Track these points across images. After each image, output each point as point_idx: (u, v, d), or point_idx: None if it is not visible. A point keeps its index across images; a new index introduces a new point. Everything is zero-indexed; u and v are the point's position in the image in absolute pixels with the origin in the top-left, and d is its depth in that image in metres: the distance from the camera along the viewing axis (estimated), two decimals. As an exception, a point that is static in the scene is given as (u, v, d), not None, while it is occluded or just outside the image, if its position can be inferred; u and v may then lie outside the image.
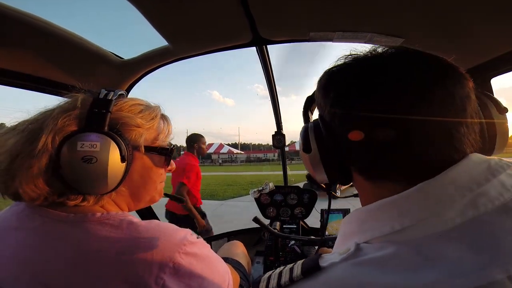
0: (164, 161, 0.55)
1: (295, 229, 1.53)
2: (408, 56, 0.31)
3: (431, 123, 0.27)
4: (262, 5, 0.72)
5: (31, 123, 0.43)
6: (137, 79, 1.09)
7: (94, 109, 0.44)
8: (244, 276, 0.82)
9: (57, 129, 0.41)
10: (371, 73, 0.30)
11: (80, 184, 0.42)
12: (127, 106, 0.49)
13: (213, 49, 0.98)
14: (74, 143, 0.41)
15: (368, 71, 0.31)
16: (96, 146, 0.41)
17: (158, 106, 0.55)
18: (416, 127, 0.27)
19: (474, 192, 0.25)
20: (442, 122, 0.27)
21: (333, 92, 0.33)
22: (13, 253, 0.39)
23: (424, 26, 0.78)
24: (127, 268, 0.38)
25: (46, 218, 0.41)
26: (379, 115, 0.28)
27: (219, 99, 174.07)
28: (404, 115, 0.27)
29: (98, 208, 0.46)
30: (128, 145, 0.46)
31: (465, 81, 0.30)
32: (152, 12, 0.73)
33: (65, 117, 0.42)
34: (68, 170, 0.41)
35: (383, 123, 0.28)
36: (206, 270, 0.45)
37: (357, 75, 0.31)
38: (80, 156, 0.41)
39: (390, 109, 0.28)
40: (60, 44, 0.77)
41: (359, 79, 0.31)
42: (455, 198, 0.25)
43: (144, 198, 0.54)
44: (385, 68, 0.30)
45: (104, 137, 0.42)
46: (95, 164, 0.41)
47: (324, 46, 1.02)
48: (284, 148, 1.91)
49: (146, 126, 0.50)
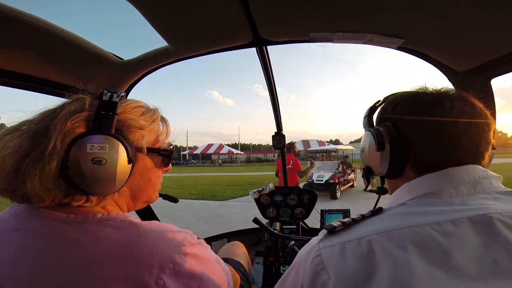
0: (163, 162, 0.56)
1: (295, 230, 1.53)
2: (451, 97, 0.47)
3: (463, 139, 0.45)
4: (262, 6, 0.72)
5: (35, 124, 0.42)
6: (136, 80, 1.09)
7: (101, 111, 0.44)
8: (244, 277, 0.82)
9: (66, 131, 0.41)
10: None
11: (88, 185, 0.42)
12: (130, 108, 0.50)
13: (213, 50, 0.98)
14: (83, 145, 0.41)
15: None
16: (105, 148, 0.42)
17: (157, 108, 0.56)
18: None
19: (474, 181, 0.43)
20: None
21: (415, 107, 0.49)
22: (13, 254, 0.39)
23: (424, 27, 0.78)
24: (127, 269, 0.37)
25: (46, 219, 0.41)
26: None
27: (219, 99, 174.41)
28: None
29: (99, 209, 0.46)
30: (132, 147, 0.47)
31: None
32: (152, 12, 0.73)
33: (73, 119, 0.42)
34: (77, 172, 0.41)
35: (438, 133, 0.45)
36: (206, 271, 0.45)
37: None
38: (90, 157, 0.41)
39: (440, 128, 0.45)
40: (60, 45, 0.77)
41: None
42: (465, 181, 0.43)
43: (143, 198, 0.55)
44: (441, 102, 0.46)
45: (112, 139, 0.43)
46: (105, 165, 0.42)
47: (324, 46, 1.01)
48: (284, 148, 1.91)
49: (148, 128, 0.51)
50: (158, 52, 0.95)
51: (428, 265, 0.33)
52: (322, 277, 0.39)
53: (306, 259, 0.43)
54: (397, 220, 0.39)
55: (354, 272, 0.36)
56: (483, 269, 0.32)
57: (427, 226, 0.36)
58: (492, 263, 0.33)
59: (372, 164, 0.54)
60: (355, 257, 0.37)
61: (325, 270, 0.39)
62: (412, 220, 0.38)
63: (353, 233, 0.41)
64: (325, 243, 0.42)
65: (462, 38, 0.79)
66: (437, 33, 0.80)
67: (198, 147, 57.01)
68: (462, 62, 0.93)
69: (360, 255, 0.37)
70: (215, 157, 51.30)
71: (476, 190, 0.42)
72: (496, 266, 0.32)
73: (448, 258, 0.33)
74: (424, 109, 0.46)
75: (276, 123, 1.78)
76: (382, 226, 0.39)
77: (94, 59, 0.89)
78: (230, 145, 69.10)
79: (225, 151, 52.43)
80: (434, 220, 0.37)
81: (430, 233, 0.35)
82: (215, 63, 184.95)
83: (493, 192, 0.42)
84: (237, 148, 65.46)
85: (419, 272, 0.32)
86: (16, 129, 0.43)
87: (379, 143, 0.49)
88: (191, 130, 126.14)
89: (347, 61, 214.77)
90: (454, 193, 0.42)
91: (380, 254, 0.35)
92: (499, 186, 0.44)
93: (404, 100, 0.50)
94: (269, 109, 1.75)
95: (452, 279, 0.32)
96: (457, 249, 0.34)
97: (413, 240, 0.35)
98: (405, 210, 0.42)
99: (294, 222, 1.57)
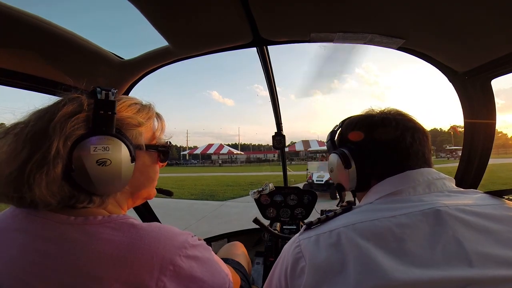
0: (160, 158, 0.57)
1: (295, 230, 1.53)
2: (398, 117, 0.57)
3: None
4: (263, 6, 0.71)
5: (31, 126, 0.41)
6: (137, 80, 1.09)
7: (100, 111, 0.44)
8: (244, 277, 0.82)
9: (67, 134, 0.40)
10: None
11: (93, 186, 0.42)
12: (126, 106, 0.50)
13: (213, 50, 0.98)
14: (86, 147, 0.41)
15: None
16: (108, 149, 0.42)
17: (151, 104, 0.56)
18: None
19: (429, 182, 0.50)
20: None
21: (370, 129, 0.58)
22: (13, 255, 0.39)
23: (425, 28, 0.78)
24: (127, 271, 0.37)
25: (47, 220, 0.41)
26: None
27: (218, 99, 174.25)
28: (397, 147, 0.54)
29: (99, 210, 0.46)
30: (132, 145, 0.47)
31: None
32: (152, 12, 0.73)
33: (73, 121, 0.41)
34: (81, 174, 0.41)
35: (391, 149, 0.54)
36: (207, 272, 0.45)
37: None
38: (94, 159, 0.41)
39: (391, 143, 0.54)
40: (60, 44, 0.77)
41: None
42: (420, 182, 0.50)
43: (142, 195, 0.56)
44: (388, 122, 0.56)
45: (114, 139, 0.43)
46: (110, 166, 0.42)
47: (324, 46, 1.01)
48: (284, 148, 1.91)
49: (145, 125, 0.51)
50: (158, 52, 0.95)
51: (386, 252, 0.39)
52: (301, 263, 0.45)
53: (289, 250, 0.50)
54: (362, 215, 0.46)
55: (326, 258, 0.42)
56: (435, 256, 0.37)
57: (385, 220, 0.43)
58: (442, 250, 0.38)
59: (342, 181, 0.61)
60: (327, 246, 0.44)
61: (303, 257, 0.45)
62: (374, 215, 0.45)
63: (326, 226, 0.48)
64: (304, 236, 0.49)
65: (462, 38, 0.79)
66: (437, 33, 0.80)
67: (198, 147, 57.06)
68: (462, 63, 0.92)
69: (331, 244, 0.43)
70: (215, 157, 51.28)
71: (430, 189, 0.49)
72: (445, 252, 0.37)
73: (403, 246, 0.39)
74: (376, 129, 0.56)
75: (276, 123, 1.78)
76: (349, 220, 0.46)
77: (95, 59, 0.89)
78: (230, 145, 69.10)
79: (225, 151, 52.43)
80: (391, 214, 0.44)
81: (387, 225, 0.42)
82: (214, 63, 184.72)
83: (445, 191, 0.49)
84: (237, 148, 65.43)
85: (379, 259, 0.38)
86: (7, 132, 0.41)
87: (346, 162, 0.57)
88: (191, 130, 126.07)
89: (347, 61, 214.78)
90: (412, 192, 0.49)
91: (346, 243, 0.42)
92: (451, 186, 0.51)
93: (358, 122, 0.59)
94: (269, 109, 1.75)
95: (407, 265, 0.37)
96: (410, 238, 0.40)
97: (373, 231, 0.42)
98: (370, 207, 0.49)
99: (294, 222, 1.57)
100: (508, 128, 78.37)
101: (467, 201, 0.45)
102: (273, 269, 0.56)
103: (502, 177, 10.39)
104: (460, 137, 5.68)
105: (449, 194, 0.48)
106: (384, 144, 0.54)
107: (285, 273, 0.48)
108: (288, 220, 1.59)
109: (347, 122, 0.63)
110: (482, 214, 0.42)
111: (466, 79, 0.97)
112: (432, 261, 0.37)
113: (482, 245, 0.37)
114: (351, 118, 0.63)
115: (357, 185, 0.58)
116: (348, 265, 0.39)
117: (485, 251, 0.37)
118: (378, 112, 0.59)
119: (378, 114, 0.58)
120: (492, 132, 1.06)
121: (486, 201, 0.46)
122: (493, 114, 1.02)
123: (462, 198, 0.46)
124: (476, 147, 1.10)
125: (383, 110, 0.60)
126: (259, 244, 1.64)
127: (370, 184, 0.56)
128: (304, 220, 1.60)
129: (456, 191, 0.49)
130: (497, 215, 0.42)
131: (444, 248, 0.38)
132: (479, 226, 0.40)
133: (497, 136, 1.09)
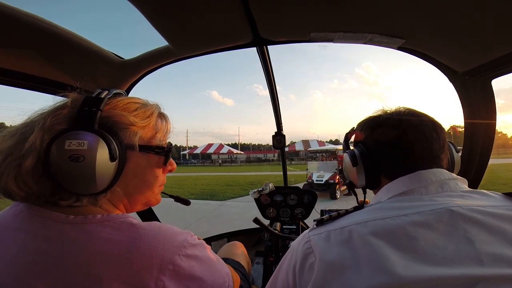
0: (161, 161, 0.54)
1: (295, 230, 1.53)
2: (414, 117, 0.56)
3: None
4: (263, 6, 0.71)
5: (26, 125, 0.44)
6: (137, 79, 1.09)
7: (84, 107, 0.43)
8: (244, 277, 0.82)
9: (46, 128, 0.41)
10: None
11: (69, 183, 0.41)
12: (121, 105, 0.48)
13: (213, 49, 0.98)
14: (62, 142, 0.40)
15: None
16: (83, 145, 0.40)
17: (156, 104, 0.55)
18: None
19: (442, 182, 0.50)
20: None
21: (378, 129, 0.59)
22: (13, 254, 0.39)
23: (425, 27, 0.78)
24: (127, 270, 0.37)
25: (46, 219, 0.41)
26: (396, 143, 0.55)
27: (218, 99, 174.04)
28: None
29: (98, 209, 0.46)
30: (121, 144, 0.45)
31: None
32: (152, 12, 0.73)
33: (54, 116, 0.42)
34: (56, 169, 0.40)
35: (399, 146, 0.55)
36: (207, 272, 0.45)
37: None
38: (67, 154, 0.40)
39: (402, 141, 0.54)
40: (60, 44, 0.77)
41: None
42: (433, 181, 0.50)
43: (140, 200, 0.53)
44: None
45: (92, 135, 0.42)
46: (83, 162, 0.40)
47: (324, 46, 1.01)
48: (284, 148, 1.91)
49: (140, 124, 0.49)
50: (158, 52, 0.95)
51: (398, 250, 0.39)
52: (311, 259, 0.45)
53: (298, 245, 0.50)
54: (374, 213, 0.46)
55: (337, 255, 0.42)
56: (447, 254, 0.37)
57: (398, 218, 0.43)
58: (454, 249, 0.38)
59: (352, 178, 0.63)
60: (338, 243, 0.44)
61: (312, 253, 0.45)
62: (386, 213, 0.45)
63: (337, 223, 0.48)
64: (314, 232, 0.49)
65: (462, 38, 0.79)
66: (437, 33, 0.80)
67: (198, 147, 56.98)
68: (462, 63, 0.92)
69: (342, 241, 0.43)
70: (215, 157, 51.25)
71: (443, 189, 0.49)
72: (457, 251, 0.37)
73: (415, 244, 0.39)
74: (378, 129, 0.57)
75: (276, 123, 1.78)
76: (361, 218, 0.46)
77: (95, 59, 0.89)
78: (230, 145, 69.02)
79: (225, 151, 52.40)
80: (403, 213, 0.44)
81: (399, 223, 0.42)
82: (214, 63, 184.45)
83: (458, 191, 0.49)
84: (237, 148, 65.39)
85: (391, 256, 0.38)
86: (9, 131, 0.44)
87: (353, 160, 0.59)
88: (191, 130, 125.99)
89: (348, 61, 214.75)
90: (424, 191, 0.49)
91: (358, 240, 0.42)
92: (464, 187, 0.51)
93: (365, 124, 0.61)
94: (269, 109, 1.75)
95: (418, 263, 0.37)
96: (422, 236, 0.40)
97: (385, 229, 0.42)
98: (382, 206, 0.49)
99: (294, 222, 1.57)
100: (508, 128, 78.37)
101: (481, 202, 0.45)
102: (279, 265, 0.56)
103: (502, 177, 10.39)
104: (460, 137, 5.72)
105: (462, 194, 0.48)
106: (384, 143, 0.56)
107: (294, 269, 0.48)
108: (288, 220, 1.59)
109: (358, 124, 0.65)
110: (495, 214, 0.42)
111: (466, 79, 0.97)
112: (444, 259, 0.37)
113: (493, 246, 0.38)
114: (363, 120, 0.64)
115: (367, 182, 0.59)
116: (359, 262, 0.39)
117: (497, 251, 0.37)
118: (386, 111, 0.60)
119: (385, 114, 0.59)
120: (492, 132, 1.06)
121: (501, 203, 0.45)
122: (493, 114, 1.02)
123: (476, 199, 0.46)
124: (476, 147, 1.10)
125: (393, 109, 0.60)
126: (259, 244, 1.64)
127: (380, 182, 0.57)
128: (304, 220, 1.60)
129: (469, 192, 0.49)
130: (511, 216, 0.42)
131: (456, 247, 0.38)
132: (492, 226, 0.40)
133: (497, 136, 1.09)
